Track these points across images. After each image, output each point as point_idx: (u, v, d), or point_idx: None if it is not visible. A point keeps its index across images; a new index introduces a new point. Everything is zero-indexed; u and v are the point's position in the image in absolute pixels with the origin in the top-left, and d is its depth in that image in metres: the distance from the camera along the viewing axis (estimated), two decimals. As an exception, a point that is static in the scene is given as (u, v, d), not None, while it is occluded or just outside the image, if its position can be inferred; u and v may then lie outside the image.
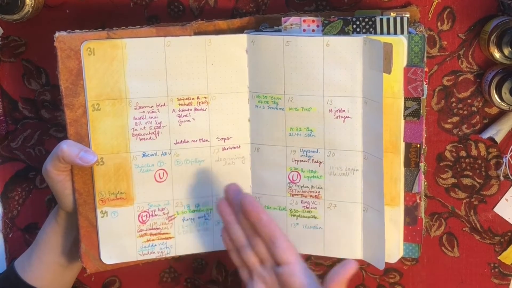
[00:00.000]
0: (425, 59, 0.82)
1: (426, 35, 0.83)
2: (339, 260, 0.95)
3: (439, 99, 0.91)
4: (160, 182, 0.87)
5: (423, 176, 0.86)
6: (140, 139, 0.85)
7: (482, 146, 0.92)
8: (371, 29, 0.83)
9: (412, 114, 0.84)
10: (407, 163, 0.85)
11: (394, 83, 0.82)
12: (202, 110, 0.86)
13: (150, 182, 0.86)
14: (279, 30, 0.85)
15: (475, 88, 0.91)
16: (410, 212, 0.87)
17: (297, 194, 0.89)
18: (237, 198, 0.77)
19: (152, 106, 0.84)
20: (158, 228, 0.88)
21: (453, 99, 0.91)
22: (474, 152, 0.92)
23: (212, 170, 0.88)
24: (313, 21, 0.84)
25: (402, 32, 0.82)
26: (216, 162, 0.88)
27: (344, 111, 0.84)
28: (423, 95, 0.83)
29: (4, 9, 0.86)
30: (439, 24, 0.89)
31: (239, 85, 0.87)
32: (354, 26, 0.83)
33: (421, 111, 0.84)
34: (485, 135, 0.90)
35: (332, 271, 0.76)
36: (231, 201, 0.79)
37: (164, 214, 0.88)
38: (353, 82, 0.83)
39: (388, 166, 0.84)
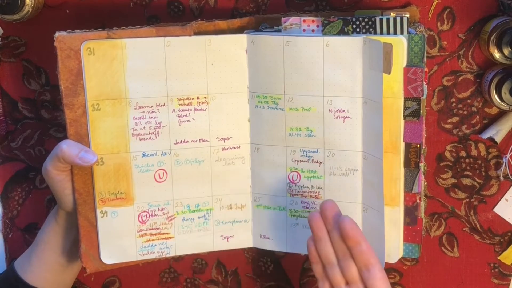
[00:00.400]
0: (425, 59, 0.82)
1: (426, 35, 0.83)
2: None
3: (439, 99, 0.91)
4: (160, 182, 0.87)
5: (423, 176, 0.86)
6: (140, 139, 0.85)
7: (482, 146, 0.92)
8: (371, 29, 0.83)
9: (412, 114, 0.84)
10: (407, 163, 0.85)
11: (394, 83, 0.82)
12: (202, 110, 0.86)
13: (150, 182, 0.86)
14: (279, 30, 0.85)
15: (475, 88, 0.91)
16: (410, 212, 0.87)
17: (297, 194, 0.89)
18: (334, 216, 0.77)
19: (152, 106, 0.84)
20: (158, 228, 0.88)
21: (453, 99, 0.91)
22: (474, 152, 0.92)
23: (212, 170, 0.88)
24: (313, 21, 0.84)
25: (402, 32, 0.82)
26: (216, 162, 0.88)
27: (344, 111, 0.84)
28: (423, 95, 0.83)
29: (4, 9, 0.86)
30: (439, 24, 0.89)
31: (239, 85, 0.87)
32: (354, 26, 0.83)
33: (421, 111, 0.84)
34: (485, 135, 0.90)
35: None
36: (325, 217, 0.78)
37: (164, 214, 0.88)
38: (353, 82, 0.83)
39: (388, 166, 0.84)
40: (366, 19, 0.83)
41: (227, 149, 0.88)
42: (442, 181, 0.93)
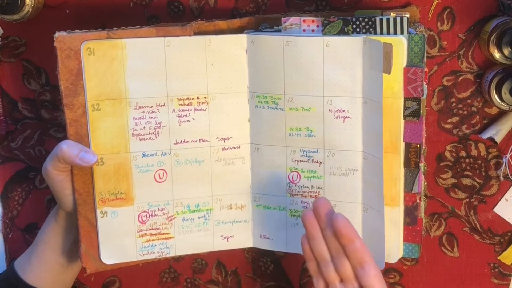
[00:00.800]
0: (425, 59, 0.82)
1: (426, 35, 0.83)
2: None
3: (439, 99, 0.91)
4: (160, 182, 0.87)
5: (423, 176, 0.86)
6: (140, 139, 0.85)
7: (482, 146, 0.92)
8: (371, 29, 0.83)
9: (412, 114, 0.84)
10: (407, 163, 0.85)
11: (394, 83, 0.82)
12: (202, 110, 0.86)
13: (150, 182, 0.86)
14: (279, 30, 0.85)
15: (475, 88, 0.91)
16: (410, 212, 0.87)
17: (297, 194, 0.89)
18: (327, 214, 0.77)
19: (152, 106, 0.84)
20: (158, 228, 0.88)
21: (453, 99, 0.91)
22: (474, 152, 0.92)
23: (212, 170, 0.88)
24: (313, 21, 0.84)
25: (402, 32, 0.82)
26: (216, 162, 0.88)
27: (344, 111, 0.84)
28: (423, 95, 0.83)
29: (4, 9, 0.86)
30: (439, 24, 0.89)
31: (239, 85, 0.87)
32: (354, 26, 0.83)
33: (421, 111, 0.84)
34: (485, 135, 0.90)
35: None
36: (319, 214, 0.78)
37: (164, 214, 0.88)
38: (353, 82, 0.83)
39: (388, 166, 0.84)
40: (366, 19, 0.83)
41: (227, 149, 0.88)
42: (442, 181, 0.93)
